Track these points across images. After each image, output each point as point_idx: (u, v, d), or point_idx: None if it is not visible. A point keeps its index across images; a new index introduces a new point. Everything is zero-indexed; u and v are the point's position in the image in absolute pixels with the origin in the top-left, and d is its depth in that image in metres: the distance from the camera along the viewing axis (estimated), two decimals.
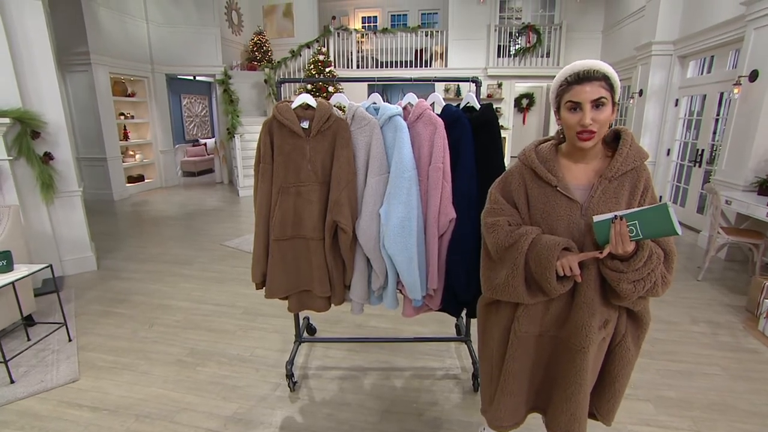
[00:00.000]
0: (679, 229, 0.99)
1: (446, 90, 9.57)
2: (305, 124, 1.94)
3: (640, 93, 6.46)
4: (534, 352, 1.32)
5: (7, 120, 3.24)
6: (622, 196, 1.19)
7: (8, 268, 2.51)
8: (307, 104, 1.95)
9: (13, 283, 2.47)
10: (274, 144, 1.95)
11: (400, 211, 1.86)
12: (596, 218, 1.11)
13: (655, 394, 2.26)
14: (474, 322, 2.50)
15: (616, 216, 1.07)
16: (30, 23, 3.48)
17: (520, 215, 1.32)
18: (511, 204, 1.34)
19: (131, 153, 8.35)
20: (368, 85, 9.51)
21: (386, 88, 12.34)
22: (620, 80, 8.00)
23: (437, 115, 1.97)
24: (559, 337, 1.27)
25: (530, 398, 1.39)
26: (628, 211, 1.06)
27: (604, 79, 1.14)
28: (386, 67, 9.88)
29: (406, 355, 2.59)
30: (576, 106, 1.15)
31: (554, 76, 1.25)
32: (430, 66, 9.86)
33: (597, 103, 1.13)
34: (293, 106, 1.94)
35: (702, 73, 5.72)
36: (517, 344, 1.31)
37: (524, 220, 1.31)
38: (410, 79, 2.25)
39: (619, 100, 1.21)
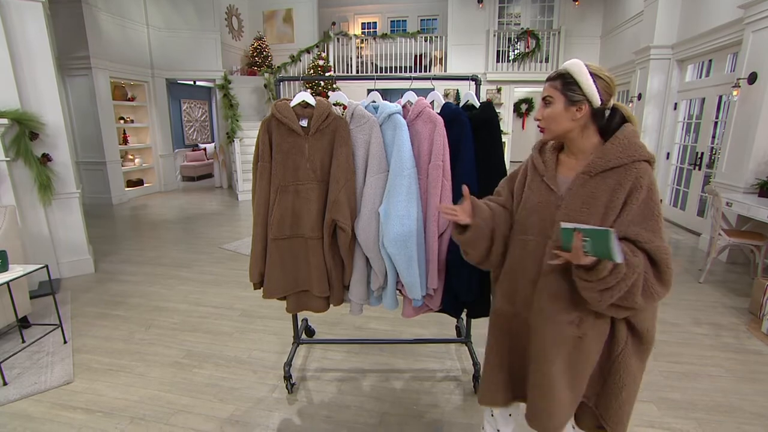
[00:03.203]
0: (618, 257, 1.01)
1: (446, 95, 9.59)
2: (304, 123, 1.92)
3: (639, 97, 6.48)
4: (509, 333, 1.36)
5: (5, 121, 3.23)
6: (600, 193, 1.16)
7: (3, 268, 2.48)
8: (306, 102, 1.93)
9: (8, 283, 2.44)
10: (272, 142, 1.93)
11: (400, 210, 1.84)
12: (563, 225, 1.10)
13: (659, 395, 2.22)
14: (474, 323, 2.46)
15: (575, 228, 1.07)
16: (30, 25, 3.48)
17: (512, 200, 1.39)
18: (510, 190, 1.41)
19: (131, 157, 8.35)
20: (367, 90, 9.52)
21: (386, 94, 12.38)
22: (619, 84, 8.05)
23: (437, 113, 1.96)
24: (528, 320, 1.29)
25: (512, 384, 1.40)
26: (585, 226, 1.06)
27: (559, 78, 1.20)
28: (386, 72, 9.92)
29: (406, 357, 2.56)
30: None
31: None
32: (429, 71, 9.89)
33: (545, 102, 1.23)
34: (292, 104, 1.92)
35: (701, 77, 5.74)
36: (494, 320, 1.40)
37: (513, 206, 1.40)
38: (410, 77, 2.23)
39: (583, 99, 1.18)
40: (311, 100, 1.92)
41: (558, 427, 1.27)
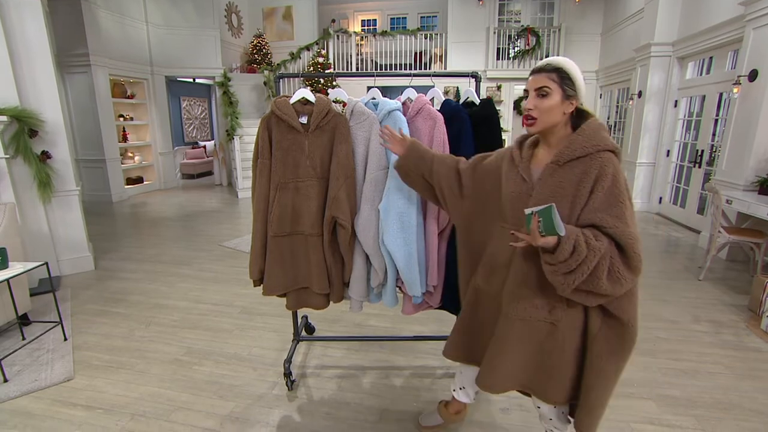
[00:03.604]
0: (561, 230, 1.10)
1: (446, 92, 9.57)
2: (304, 120, 1.91)
3: (640, 94, 6.47)
4: (481, 307, 1.49)
5: (4, 118, 3.22)
6: (568, 182, 1.22)
7: (3, 265, 2.48)
8: (306, 99, 1.93)
9: (8, 280, 2.44)
10: (272, 139, 1.93)
11: (400, 207, 1.84)
12: (526, 211, 1.17)
13: (658, 392, 2.23)
14: None
15: (532, 212, 1.14)
16: (29, 22, 3.47)
17: (471, 183, 1.53)
18: (473, 166, 1.54)
19: (130, 155, 8.33)
20: (367, 87, 9.50)
21: (386, 91, 12.36)
22: (619, 82, 8.04)
23: (437, 110, 1.95)
24: (499, 300, 1.39)
25: (472, 347, 1.54)
26: (538, 207, 1.13)
27: (555, 71, 1.24)
28: (386, 69, 9.90)
29: (406, 354, 2.56)
30: (527, 94, 1.30)
31: None
32: (429, 68, 9.87)
33: (540, 92, 1.25)
34: (292, 101, 1.92)
35: (701, 74, 5.73)
36: (471, 294, 1.52)
37: (465, 193, 1.54)
38: (409, 74, 2.23)
39: (575, 94, 1.25)
40: (311, 97, 1.92)
41: (495, 385, 1.39)
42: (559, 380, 1.34)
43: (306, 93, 1.92)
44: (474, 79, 2.16)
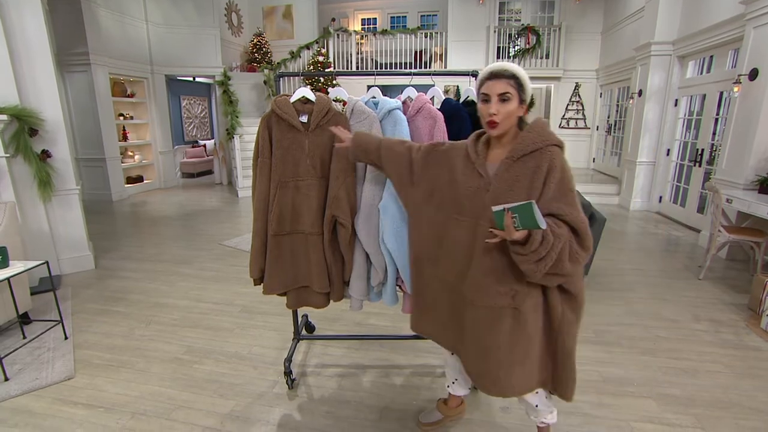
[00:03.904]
0: (542, 224, 1.17)
1: (446, 91, 9.56)
2: (304, 118, 1.92)
3: (640, 93, 6.46)
4: (441, 294, 1.57)
5: (4, 117, 3.23)
6: (522, 175, 1.33)
7: (3, 264, 2.48)
8: (306, 98, 1.93)
9: (8, 279, 2.44)
10: (272, 138, 1.93)
11: (399, 205, 1.84)
12: (494, 208, 1.24)
13: (658, 391, 2.23)
14: None
15: (504, 208, 1.21)
16: (29, 21, 3.47)
17: (422, 171, 1.60)
18: (425, 153, 1.59)
19: (130, 154, 8.33)
20: (367, 86, 9.49)
21: (386, 90, 12.36)
22: (619, 81, 8.04)
23: (437, 108, 1.95)
24: (462, 291, 1.47)
25: (434, 324, 1.64)
26: (512, 204, 1.20)
27: (513, 78, 1.33)
28: (386, 68, 9.88)
29: (406, 353, 2.56)
30: (487, 99, 1.35)
31: (555, 78, 1.41)
32: (429, 67, 9.86)
33: (502, 98, 1.33)
34: (292, 99, 1.92)
35: (701, 73, 5.73)
36: (431, 282, 1.59)
37: (416, 180, 1.61)
38: (410, 73, 2.23)
39: (530, 99, 1.38)
40: (311, 96, 1.92)
41: (494, 382, 1.44)
42: (531, 366, 1.43)
43: (306, 92, 1.92)
44: (474, 78, 2.15)
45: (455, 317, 1.55)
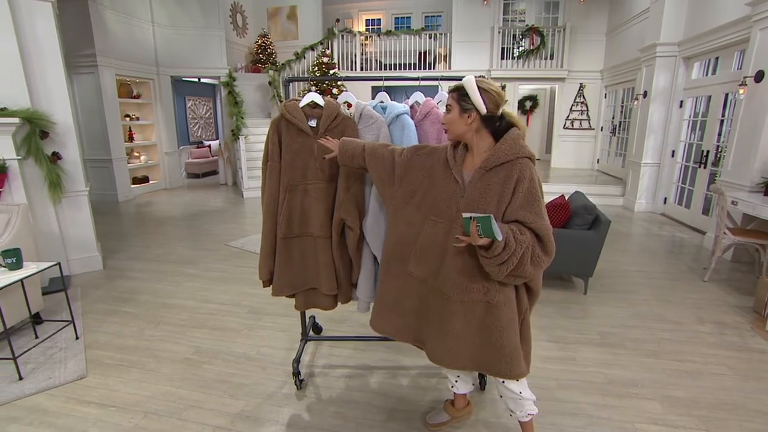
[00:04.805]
0: (498, 236, 1.30)
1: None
2: (313, 123, 1.95)
3: (645, 94, 6.47)
4: (411, 290, 1.65)
5: (16, 120, 3.28)
6: (494, 184, 1.44)
7: (18, 265, 2.53)
8: (315, 103, 1.96)
9: (22, 280, 2.49)
10: (282, 142, 1.97)
11: None
12: (464, 215, 1.36)
13: (662, 393, 2.25)
14: None
15: (471, 217, 1.34)
16: (40, 25, 3.53)
17: (402, 173, 1.68)
18: (406, 159, 1.67)
19: (136, 154, 8.40)
20: (372, 87, 9.53)
21: (390, 91, 12.38)
22: (624, 82, 8.03)
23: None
24: (436, 287, 1.58)
25: (410, 328, 1.71)
26: (477, 214, 1.33)
27: (456, 91, 1.49)
28: (390, 69, 9.92)
29: (412, 355, 2.59)
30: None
31: (559, 79, 1.48)
32: (434, 68, 9.89)
33: (447, 109, 1.54)
34: (301, 104, 1.96)
35: (707, 75, 5.72)
36: (405, 278, 1.66)
37: (396, 181, 1.68)
38: (417, 78, 2.26)
39: (472, 107, 1.46)
40: (320, 101, 1.96)
41: (444, 358, 1.59)
42: (510, 353, 1.52)
43: (315, 97, 1.96)
44: None
45: (422, 311, 1.65)
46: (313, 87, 7.81)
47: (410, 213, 1.64)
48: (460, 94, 1.48)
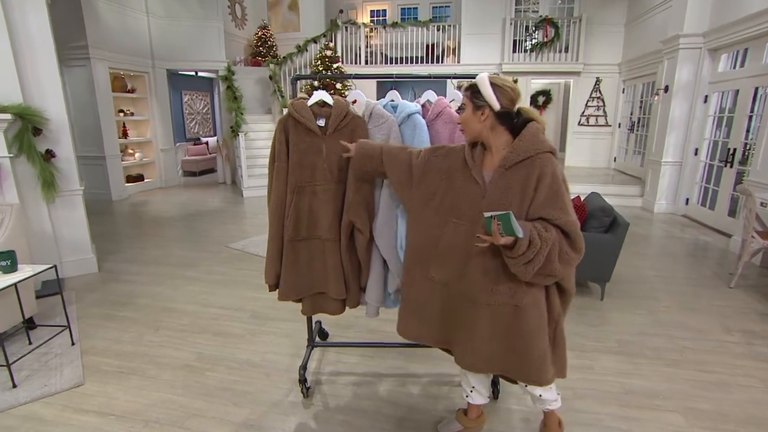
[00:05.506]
0: (518, 232, 1.33)
1: (459, 87, 9.58)
2: (321, 122, 1.98)
3: (666, 89, 6.45)
4: (434, 293, 1.69)
5: (8, 116, 3.30)
6: (515, 183, 1.48)
7: (12, 268, 2.57)
8: (324, 101, 1.99)
9: (16, 284, 2.52)
10: (289, 142, 1.99)
11: None
12: (485, 214, 1.40)
13: (686, 405, 2.26)
14: None
15: (492, 216, 1.37)
16: (32, 18, 3.56)
17: (421, 175, 1.72)
18: (424, 161, 1.71)
19: (130, 151, 8.47)
20: (377, 82, 9.55)
21: (395, 85, 12.42)
22: (644, 75, 8.00)
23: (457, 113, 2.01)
24: (460, 291, 1.61)
25: (423, 328, 1.77)
26: (497, 212, 1.36)
27: (469, 89, 1.55)
28: (396, 63, 9.93)
29: (423, 362, 2.62)
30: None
31: (574, 73, 1.51)
32: (441, 62, 9.90)
33: (460, 108, 1.61)
34: (309, 103, 1.98)
35: (735, 67, 5.70)
36: (426, 283, 1.70)
37: (415, 183, 1.72)
38: (428, 76, 2.29)
39: (485, 104, 1.50)
40: (329, 99, 1.98)
41: (475, 363, 1.64)
42: (536, 360, 1.55)
43: (324, 95, 1.98)
44: None
45: (447, 315, 1.69)
46: (315, 84, 7.83)
47: (429, 216, 1.68)
48: (472, 91, 1.52)
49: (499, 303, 1.53)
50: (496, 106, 1.48)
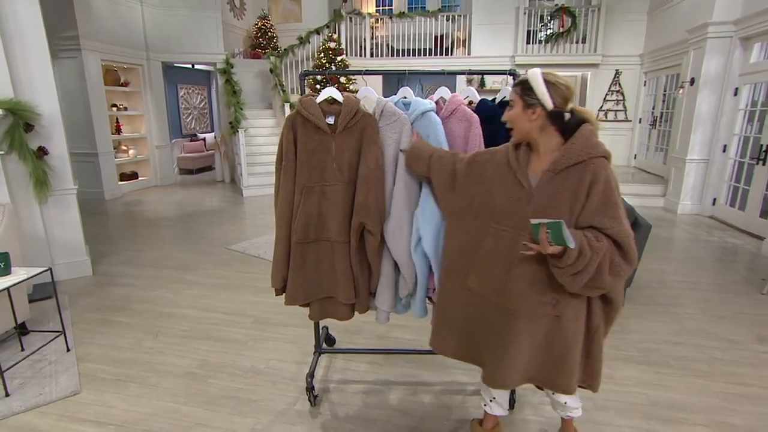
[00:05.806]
0: (570, 243, 1.32)
1: (469, 81, 9.58)
2: (331, 120, 2.00)
3: (692, 82, 6.43)
4: (472, 306, 1.69)
5: None
6: (565, 188, 1.46)
7: (6, 271, 2.60)
8: (333, 98, 2.01)
9: (9, 288, 2.55)
10: (297, 141, 2.02)
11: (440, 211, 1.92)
12: (532, 221, 1.39)
13: (715, 419, 2.26)
14: None
15: (540, 223, 1.36)
16: (22, 9, 3.58)
17: (463, 180, 1.74)
18: (469, 163, 1.73)
19: (124, 148, 8.54)
20: (382, 77, 9.54)
21: (402, 79, 12.39)
22: (668, 67, 7.96)
23: (471, 110, 2.02)
24: (500, 303, 1.59)
25: (460, 343, 1.78)
26: (547, 220, 1.35)
27: (520, 85, 1.52)
28: (403, 55, 9.93)
29: (434, 369, 2.64)
30: None
31: (592, 65, 1.51)
32: (451, 54, 9.90)
33: (510, 105, 1.56)
34: (318, 100, 2.00)
35: None
36: (463, 293, 1.71)
37: (456, 187, 1.75)
38: (443, 73, 2.31)
39: (537, 102, 1.47)
40: (339, 97, 2.00)
41: (509, 382, 1.65)
42: (569, 369, 1.59)
43: (333, 92, 2.00)
44: (513, 78, 2.22)
45: (483, 329, 1.69)
46: (318, 79, 7.84)
47: (469, 222, 1.69)
48: (523, 88, 1.50)
49: (541, 314, 1.53)
50: (549, 104, 1.46)
